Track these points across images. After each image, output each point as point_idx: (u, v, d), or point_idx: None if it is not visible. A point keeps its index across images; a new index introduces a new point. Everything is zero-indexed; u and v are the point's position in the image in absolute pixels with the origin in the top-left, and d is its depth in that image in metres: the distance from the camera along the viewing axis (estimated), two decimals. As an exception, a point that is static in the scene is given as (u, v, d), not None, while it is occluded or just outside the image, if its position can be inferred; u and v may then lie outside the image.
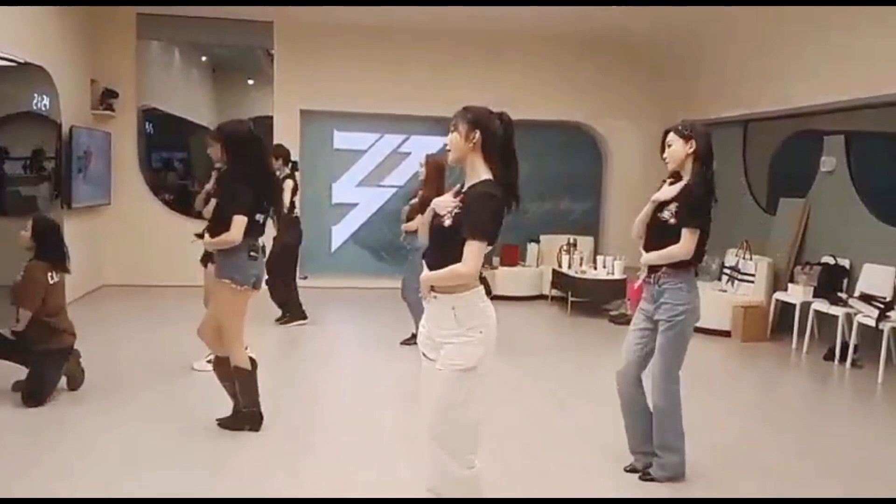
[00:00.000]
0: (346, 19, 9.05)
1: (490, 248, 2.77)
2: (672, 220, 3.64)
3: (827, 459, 4.39)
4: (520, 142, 2.92)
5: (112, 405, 4.75)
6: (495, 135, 2.80)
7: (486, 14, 8.59)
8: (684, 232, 3.60)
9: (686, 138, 3.64)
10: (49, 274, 4.72)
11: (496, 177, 2.77)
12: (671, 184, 3.75)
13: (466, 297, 2.73)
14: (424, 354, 2.89)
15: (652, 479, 3.81)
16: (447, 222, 2.73)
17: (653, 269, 3.73)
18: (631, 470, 3.92)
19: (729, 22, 7.89)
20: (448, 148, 2.85)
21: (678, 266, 3.66)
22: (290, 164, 7.12)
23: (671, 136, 3.71)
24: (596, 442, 4.41)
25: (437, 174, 6.01)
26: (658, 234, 3.70)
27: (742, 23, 7.77)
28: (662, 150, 3.76)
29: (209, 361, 5.13)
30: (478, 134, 2.78)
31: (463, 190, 2.82)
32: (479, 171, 2.79)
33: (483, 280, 2.86)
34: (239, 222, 4.02)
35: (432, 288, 2.77)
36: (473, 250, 2.65)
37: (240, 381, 4.29)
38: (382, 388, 5.59)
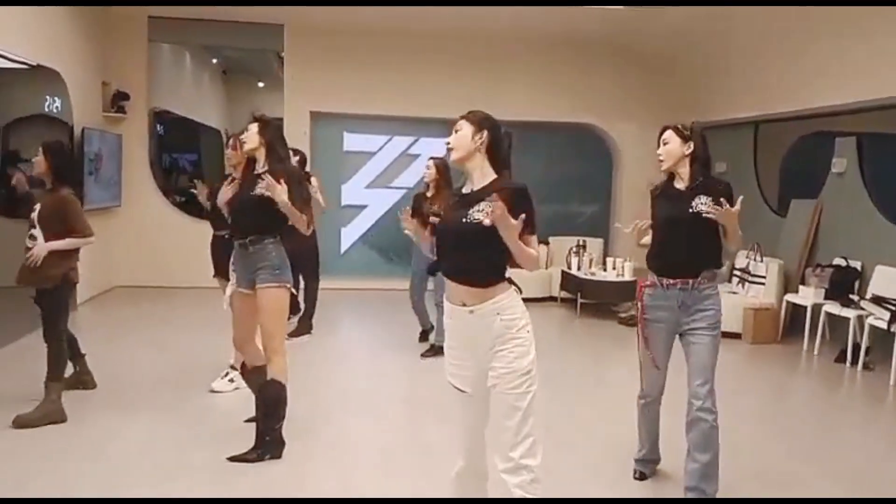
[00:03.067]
0: (355, 22, 9.07)
1: None
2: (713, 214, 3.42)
3: (837, 462, 4.36)
4: (530, 143, 2.94)
5: (123, 407, 4.76)
6: (500, 136, 2.77)
7: (497, 16, 8.59)
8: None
9: (684, 139, 3.53)
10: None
11: (501, 177, 2.75)
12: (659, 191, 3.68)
13: (507, 300, 2.70)
14: (458, 388, 2.81)
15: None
16: (487, 222, 2.60)
17: (685, 274, 3.50)
18: (640, 477, 3.91)
19: (740, 23, 7.86)
20: (450, 147, 2.77)
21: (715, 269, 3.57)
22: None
23: (668, 134, 3.58)
24: (603, 443, 4.40)
25: (443, 176, 6.03)
26: (695, 229, 3.47)
27: (753, 24, 7.74)
28: (658, 145, 3.63)
29: (231, 380, 5.14)
30: (485, 134, 2.73)
31: (464, 192, 2.79)
32: (487, 172, 2.76)
33: (510, 280, 2.77)
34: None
35: (463, 304, 2.71)
36: (536, 242, 2.71)
37: (273, 395, 3.97)
38: (392, 389, 5.59)
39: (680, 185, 3.59)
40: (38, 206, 4.52)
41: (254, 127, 4.02)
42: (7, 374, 5.38)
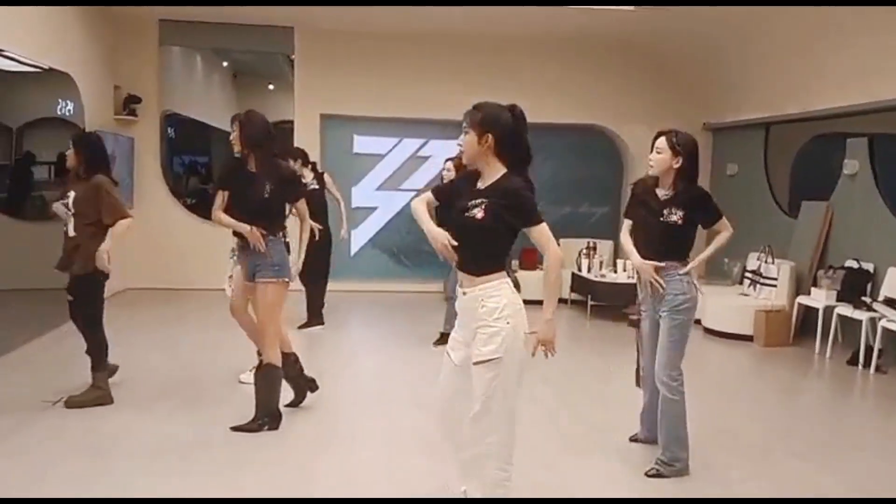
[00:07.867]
0: (365, 25, 9.09)
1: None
2: (680, 222, 3.85)
3: (849, 464, 4.34)
4: (539, 145, 3.00)
5: (136, 406, 4.79)
6: (507, 132, 2.90)
7: (505, 17, 8.59)
8: (724, 221, 4.01)
9: (675, 153, 3.82)
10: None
11: (510, 170, 2.92)
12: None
13: (492, 290, 2.91)
14: (450, 357, 3.09)
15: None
16: (479, 215, 2.85)
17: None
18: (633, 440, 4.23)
19: (750, 24, 7.83)
20: (461, 149, 3.00)
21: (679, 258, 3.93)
22: (309, 165, 7.17)
23: (662, 143, 3.87)
24: (615, 446, 4.39)
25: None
26: (666, 235, 3.90)
27: (764, 25, 7.71)
28: (652, 149, 3.93)
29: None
30: (490, 137, 2.89)
31: (478, 186, 2.95)
32: (496, 168, 2.93)
33: (511, 273, 3.04)
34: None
35: (461, 286, 3.01)
36: (545, 231, 2.88)
37: (269, 378, 4.39)
38: (401, 390, 5.60)
39: (661, 191, 3.94)
40: (72, 194, 4.64)
41: (234, 129, 4.41)
42: (19, 377, 5.43)
